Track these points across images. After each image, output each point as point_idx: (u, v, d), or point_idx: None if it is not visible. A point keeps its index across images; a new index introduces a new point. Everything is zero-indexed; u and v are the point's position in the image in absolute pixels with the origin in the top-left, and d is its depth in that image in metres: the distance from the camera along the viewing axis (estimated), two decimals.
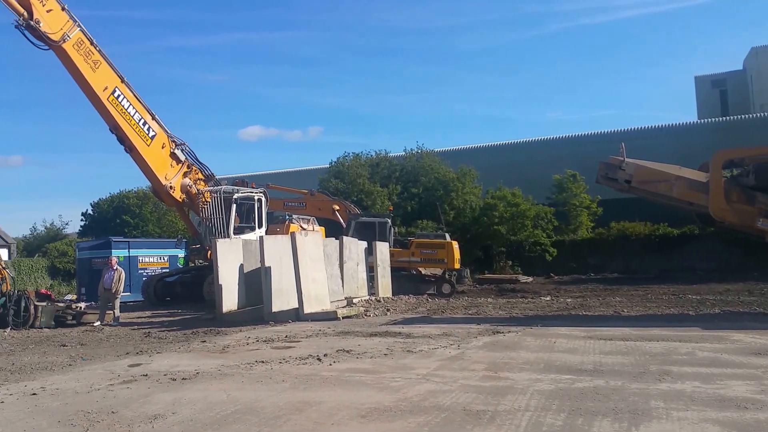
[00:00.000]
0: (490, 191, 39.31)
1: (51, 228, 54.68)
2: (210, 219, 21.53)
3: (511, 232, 37.22)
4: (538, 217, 37.42)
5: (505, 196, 37.86)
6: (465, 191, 39.33)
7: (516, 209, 37.04)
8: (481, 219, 37.71)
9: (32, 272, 37.48)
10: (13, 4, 16.51)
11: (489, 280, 31.72)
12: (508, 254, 38.50)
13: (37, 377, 8.93)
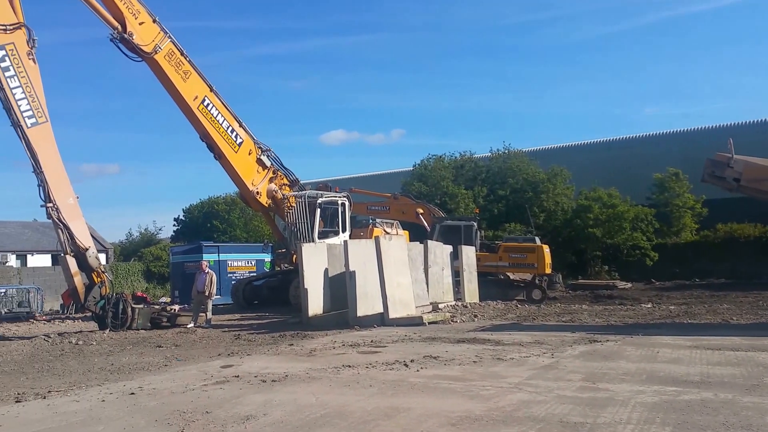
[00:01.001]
0: (583, 192, 38.12)
1: (145, 233, 57.90)
2: (295, 223, 22.13)
3: (608, 235, 35.92)
4: (637, 219, 35.92)
5: (600, 197, 36.60)
6: (556, 192, 38.35)
7: (612, 211, 35.74)
8: (574, 221, 36.65)
9: (128, 276, 39.87)
10: (108, 18, 17.71)
11: (583, 286, 30.70)
12: (603, 259, 37.19)
13: (135, 377, 9.48)
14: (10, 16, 15.53)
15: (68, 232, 16.02)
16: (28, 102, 15.60)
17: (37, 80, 15.91)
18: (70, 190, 16.44)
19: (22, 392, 8.37)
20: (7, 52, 15.33)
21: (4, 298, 25.75)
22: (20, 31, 15.69)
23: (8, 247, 45.14)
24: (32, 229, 49.38)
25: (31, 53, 15.88)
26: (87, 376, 9.84)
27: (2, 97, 15.35)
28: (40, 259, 45.08)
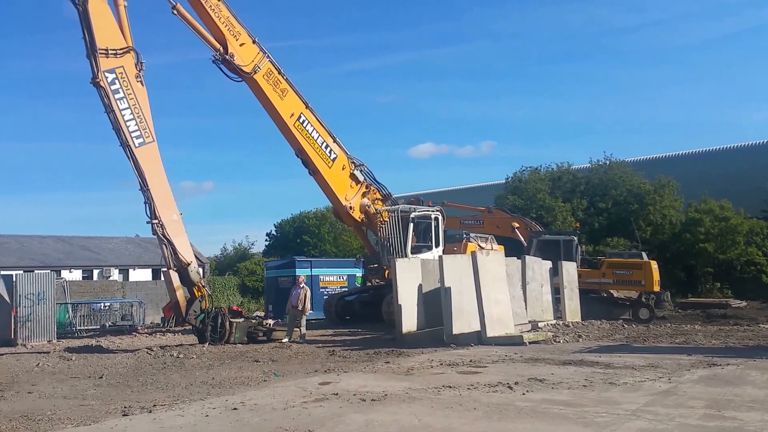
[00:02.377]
0: (693, 204, 36.11)
1: (239, 248, 60.04)
2: (388, 238, 22.16)
3: (720, 251, 33.81)
4: (752, 233, 33.66)
5: (711, 209, 34.55)
6: (663, 205, 36.53)
7: (725, 224, 33.66)
8: (683, 236, 34.74)
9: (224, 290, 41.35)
10: (210, 40, 18.59)
11: (694, 305, 28.91)
12: (715, 275, 34.97)
13: (236, 392, 9.69)
14: (119, 41, 16.50)
15: (172, 248, 16.66)
16: (136, 123, 16.42)
17: (144, 102, 16.75)
18: (174, 207, 17.13)
19: (128, 405, 8.74)
20: (117, 76, 16.26)
21: (108, 311, 27.21)
22: (129, 54, 16.61)
23: (112, 261, 48.04)
24: (134, 245, 52.37)
25: (139, 76, 16.76)
26: (189, 389, 10.15)
27: (112, 119, 16.24)
28: (142, 273, 47.67)
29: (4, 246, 44.73)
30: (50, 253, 45.63)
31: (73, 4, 15.98)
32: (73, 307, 25.07)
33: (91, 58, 15.98)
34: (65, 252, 46.93)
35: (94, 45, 15.88)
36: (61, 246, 47.90)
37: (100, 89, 16.02)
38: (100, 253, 48.79)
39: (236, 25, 19.11)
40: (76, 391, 10.39)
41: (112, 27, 16.42)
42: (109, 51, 16.09)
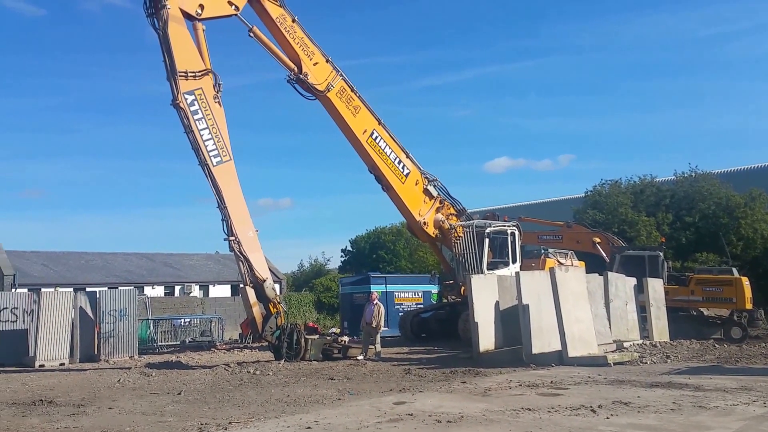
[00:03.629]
0: None
1: (315, 264, 60.82)
2: (463, 254, 21.83)
3: None
4: None
5: None
6: (755, 218, 34.45)
7: None
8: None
9: (300, 306, 41.90)
10: (285, 61, 19.09)
11: None
12: None
13: (310, 410, 9.65)
14: (199, 64, 17.12)
15: (248, 264, 16.97)
16: (214, 142, 16.92)
17: (222, 122, 17.25)
18: (250, 224, 17.48)
19: (204, 423, 8.83)
20: (196, 97, 16.84)
21: (189, 327, 28.06)
22: (207, 77, 17.17)
23: (192, 278, 49.56)
24: (214, 261, 53.90)
25: (217, 97, 17.30)
26: (265, 407, 10.20)
27: (191, 139, 16.79)
28: (221, 289, 48.94)
29: (90, 263, 46.95)
30: (134, 270, 47.53)
31: (153, 29, 16.71)
32: (155, 323, 25.98)
33: (171, 81, 16.58)
34: (148, 269, 48.74)
35: (174, 68, 16.48)
36: (144, 263, 49.83)
37: (180, 110, 16.59)
38: (181, 270, 50.42)
39: (310, 45, 19.57)
40: (154, 407, 10.62)
41: (191, 50, 17.04)
42: (189, 73, 16.67)
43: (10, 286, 38.12)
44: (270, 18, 19.00)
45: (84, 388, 13.36)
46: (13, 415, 10.14)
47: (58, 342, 19.14)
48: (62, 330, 19.33)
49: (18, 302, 20.81)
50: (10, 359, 19.08)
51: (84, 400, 11.61)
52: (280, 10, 19.13)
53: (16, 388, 13.78)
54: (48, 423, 9.33)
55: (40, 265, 44.15)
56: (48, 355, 18.81)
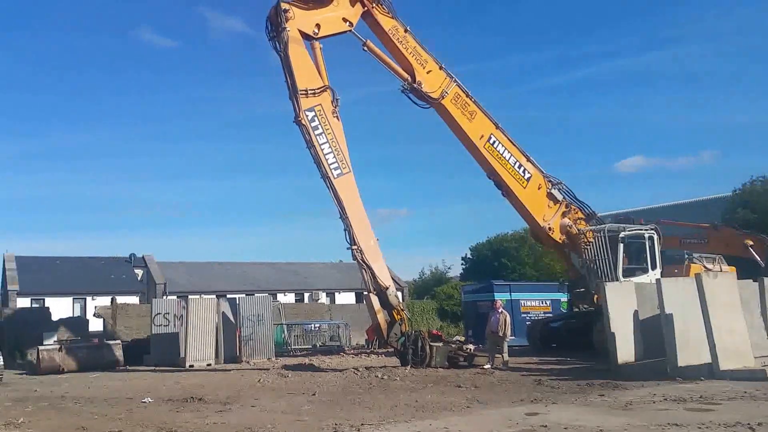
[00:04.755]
0: None
1: (436, 272, 60.89)
2: (594, 260, 20.95)
3: None
4: None
5: None
6: None
7: None
8: None
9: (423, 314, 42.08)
10: (399, 71, 19.46)
11: None
12: None
13: (439, 416, 9.72)
14: (317, 81, 17.91)
15: (371, 272, 17.43)
16: (334, 156, 17.59)
17: (341, 135, 17.91)
18: (371, 233, 17.97)
19: (338, 423, 9.17)
20: (316, 113, 17.61)
21: (318, 332, 29.19)
22: (326, 93, 17.93)
23: (319, 285, 51.49)
24: (338, 270, 55.67)
25: (335, 111, 18.01)
26: (395, 411, 10.39)
27: (313, 153, 17.57)
28: (346, 296, 50.45)
29: (230, 272, 50.19)
30: (267, 278, 50.17)
31: (275, 51, 17.82)
32: (288, 327, 27.22)
33: (293, 99, 17.51)
34: (279, 277, 51.27)
35: (295, 87, 17.41)
36: (275, 271, 52.48)
37: (302, 127, 17.44)
38: (309, 278, 52.57)
39: (423, 53, 19.77)
40: (292, 406, 11.17)
41: (310, 69, 17.89)
42: (309, 91, 17.52)
43: (161, 293, 41.57)
44: (383, 30, 19.44)
45: (229, 387, 14.35)
46: (169, 410, 11.13)
47: (204, 344, 20.69)
48: (208, 333, 20.85)
49: (169, 308, 22.86)
50: (164, 359, 20.98)
51: (229, 398, 12.48)
52: (393, 22, 19.50)
53: (171, 386, 15.08)
54: (199, 419, 10.12)
55: (186, 274, 47.80)
56: (196, 356, 20.36)
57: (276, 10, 17.59)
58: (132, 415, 10.78)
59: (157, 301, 25.51)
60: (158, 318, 22.63)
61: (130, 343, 23.42)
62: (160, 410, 11.23)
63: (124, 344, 22.53)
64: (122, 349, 21.82)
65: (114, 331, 27.65)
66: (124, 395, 13.52)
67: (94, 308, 31.66)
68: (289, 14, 17.47)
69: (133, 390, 14.45)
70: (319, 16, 18.19)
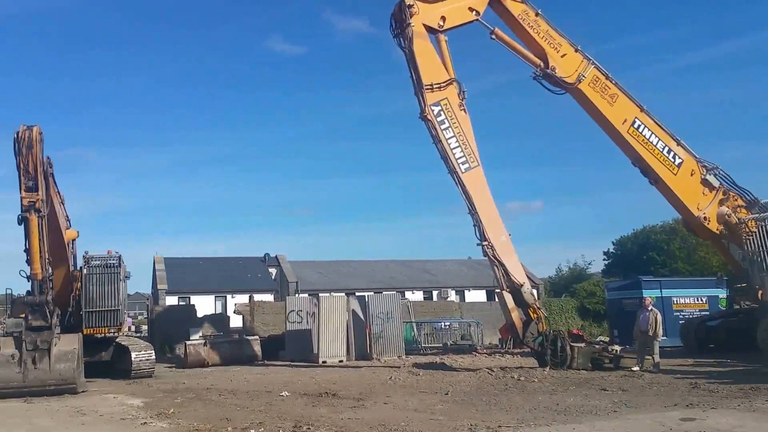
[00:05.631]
0: None
1: (574, 268, 58.85)
2: (758, 252, 19.26)
3: None
4: None
5: None
6: None
7: None
8: None
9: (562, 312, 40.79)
10: (530, 57, 18.94)
11: None
12: None
13: (583, 420, 9.37)
14: (443, 75, 17.88)
15: (503, 269, 17.20)
16: (462, 150, 17.52)
17: (468, 128, 17.80)
18: (502, 228, 17.71)
19: (474, 424, 9.10)
20: (442, 107, 17.62)
21: (449, 330, 29.16)
22: (452, 86, 17.86)
23: (449, 283, 51.51)
24: (468, 267, 55.34)
25: (462, 104, 17.90)
26: (533, 413, 10.15)
27: (439, 148, 17.61)
28: (476, 294, 50.02)
29: (357, 270, 51.58)
30: (395, 276, 50.98)
31: (400, 48, 18.03)
32: (417, 325, 27.45)
33: (418, 95, 17.64)
34: (407, 275, 51.92)
35: (420, 82, 17.51)
36: (403, 269, 53.19)
37: (428, 122, 17.52)
38: (438, 275, 52.77)
39: (556, 36, 19.15)
40: (425, 405, 11.25)
41: (435, 63, 17.90)
42: (434, 85, 17.54)
43: (294, 291, 43.58)
44: (512, 16, 19.02)
45: (361, 384, 14.75)
46: (305, 404, 11.65)
47: (336, 341, 21.40)
48: (339, 330, 21.53)
49: (302, 306, 23.93)
50: (298, 355, 22.01)
51: (362, 394, 12.82)
52: (522, 6, 19.02)
53: (306, 381, 15.76)
54: (334, 413, 10.48)
55: (316, 273, 49.78)
56: (329, 353, 21.12)
57: (400, 6, 17.79)
58: (271, 407, 11.35)
59: (291, 299, 26.70)
60: (292, 315, 23.71)
61: (266, 338, 24.70)
62: (297, 404, 11.75)
63: (261, 340, 23.82)
64: (260, 345, 23.08)
65: (252, 327, 29.27)
66: (263, 388, 14.27)
67: (234, 305, 33.71)
68: (413, 9, 17.60)
69: (271, 384, 15.23)
70: (444, 8, 18.13)
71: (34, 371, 13.56)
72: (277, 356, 22.60)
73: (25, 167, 13.69)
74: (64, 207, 17.90)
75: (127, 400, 13.00)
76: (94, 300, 17.83)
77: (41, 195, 13.84)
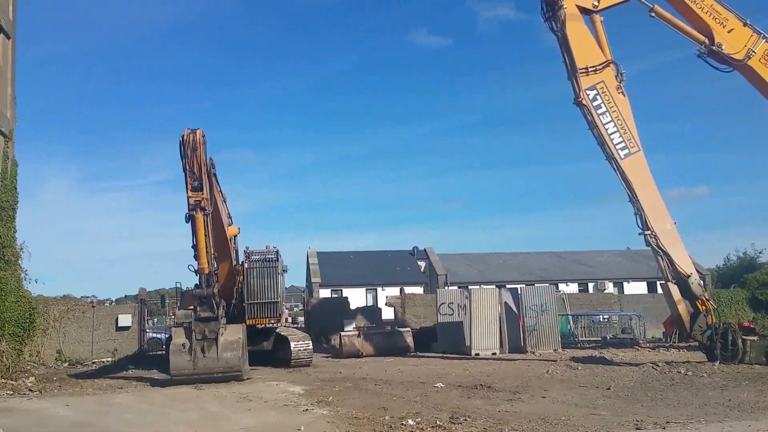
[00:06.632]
0: None
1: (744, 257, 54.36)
2: None
3: None
4: None
5: None
6: None
7: None
8: None
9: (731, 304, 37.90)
10: (693, 34, 17.91)
11: None
12: None
13: (760, 417, 8.93)
14: (598, 57, 17.41)
15: (668, 259, 16.60)
16: (620, 134, 17.03)
17: (627, 112, 17.25)
18: (666, 216, 17.02)
19: (640, 420, 8.92)
20: (598, 91, 17.18)
21: (608, 324, 28.19)
22: (609, 68, 17.38)
23: (605, 275, 49.45)
24: (626, 258, 52.87)
25: (620, 87, 17.35)
26: (704, 409, 9.76)
27: (596, 134, 17.21)
28: (636, 286, 47.63)
29: (507, 262, 50.99)
30: (547, 268, 49.81)
31: (552, 32, 17.73)
32: (573, 318, 26.80)
33: (572, 80, 17.35)
34: (560, 266, 50.56)
35: (574, 66, 17.21)
36: (556, 261, 51.82)
37: (583, 107, 17.20)
38: (593, 267, 50.91)
39: (722, 11, 18.00)
40: (585, 399, 11.10)
41: (590, 45, 17.48)
42: (589, 69, 17.18)
43: (443, 284, 44.03)
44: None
45: (516, 377, 14.79)
46: (460, 396, 11.89)
47: (488, 333, 21.49)
48: (491, 323, 21.60)
49: (453, 298, 24.25)
50: (450, 347, 22.38)
51: (518, 387, 12.86)
52: None
53: (459, 373, 16.06)
54: (490, 406, 10.64)
55: (465, 265, 49.89)
56: (481, 345, 21.27)
57: None
58: (426, 398, 11.70)
59: (442, 291, 27.10)
60: (443, 307, 24.09)
61: (418, 330, 25.29)
62: (452, 395, 12.02)
63: (413, 331, 24.42)
64: (412, 336, 23.66)
65: (404, 320, 30.03)
66: (417, 379, 14.69)
67: (385, 298, 34.73)
68: None
69: (425, 375, 15.65)
70: None
71: (203, 359, 14.45)
72: (428, 348, 23.08)
73: (190, 168, 14.40)
74: (226, 205, 19.22)
75: (288, 388, 13.81)
76: (255, 292, 18.95)
77: (206, 194, 14.59)
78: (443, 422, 9.04)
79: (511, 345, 21.84)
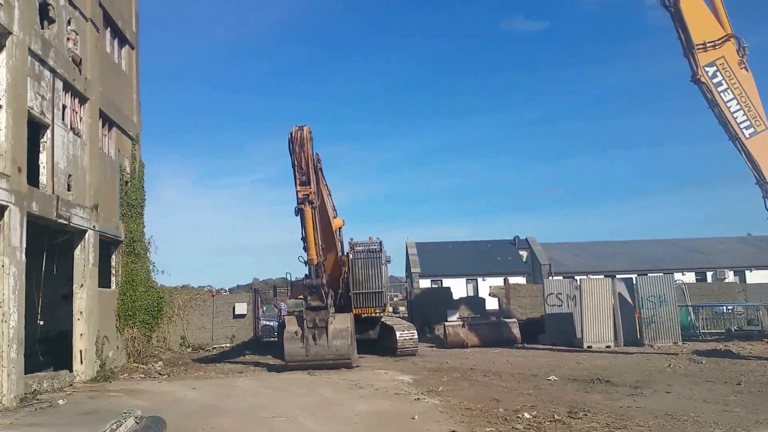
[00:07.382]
0: None
1: None
2: None
3: None
4: None
5: None
6: None
7: None
8: None
9: None
10: None
11: None
12: None
13: None
14: (717, 31, 16.48)
15: None
16: (744, 112, 16.15)
17: (751, 88, 16.32)
18: None
19: None
20: (718, 67, 16.29)
21: (732, 315, 26.59)
22: (729, 42, 16.44)
23: (725, 263, 46.56)
24: (747, 244, 49.67)
25: (742, 62, 16.40)
26: None
27: (717, 113, 16.34)
28: (760, 275, 44.56)
29: (618, 251, 48.99)
30: (661, 257, 47.45)
31: (664, 7, 16.82)
32: (694, 309, 25.51)
33: (688, 57, 16.52)
34: (674, 254, 48.04)
35: (690, 42, 16.38)
36: (669, 249, 49.29)
37: (702, 85, 16.37)
38: (711, 255, 48.13)
39: None
40: (714, 395, 10.53)
41: (707, 19, 16.58)
42: (707, 44, 16.35)
43: (547, 274, 43.04)
44: None
45: (635, 371, 14.26)
46: (576, 390, 11.56)
47: (602, 325, 20.83)
48: (604, 314, 20.90)
49: (561, 288, 23.72)
50: (560, 339, 21.84)
51: (638, 381, 12.36)
52: None
53: (572, 366, 15.68)
54: (610, 401, 10.30)
55: (570, 254, 48.53)
56: (594, 337, 20.65)
57: None
58: (540, 391, 11.46)
59: (549, 282, 26.53)
60: (551, 298, 23.54)
61: (524, 321, 24.82)
62: (567, 389, 11.70)
63: (519, 322, 23.99)
64: (518, 327, 23.24)
65: (509, 310, 29.57)
66: (528, 371, 14.45)
67: (488, 288, 34.30)
68: None
69: (535, 367, 15.37)
70: None
71: (314, 347, 15.13)
72: (536, 339, 22.64)
73: (298, 163, 14.98)
74: (331, 198, 19.73)
75: (397, 376, 14.05)
76: (360, 282, 19.45)
77: (313, 188, 15.17)
78: (561, 416, 8.83)
79: (626, 337, 21.04)
